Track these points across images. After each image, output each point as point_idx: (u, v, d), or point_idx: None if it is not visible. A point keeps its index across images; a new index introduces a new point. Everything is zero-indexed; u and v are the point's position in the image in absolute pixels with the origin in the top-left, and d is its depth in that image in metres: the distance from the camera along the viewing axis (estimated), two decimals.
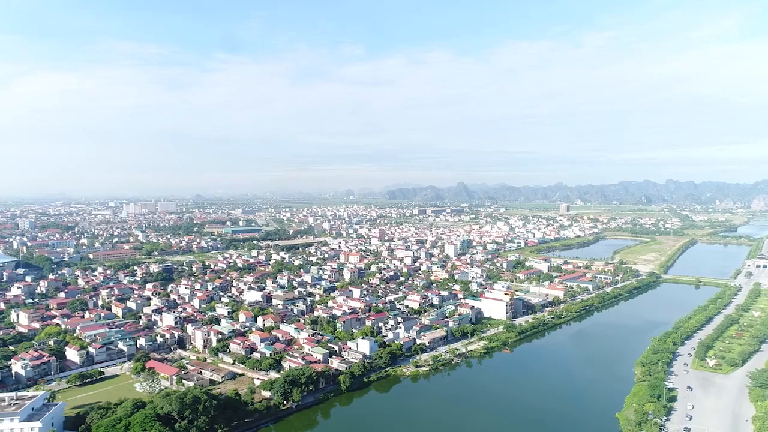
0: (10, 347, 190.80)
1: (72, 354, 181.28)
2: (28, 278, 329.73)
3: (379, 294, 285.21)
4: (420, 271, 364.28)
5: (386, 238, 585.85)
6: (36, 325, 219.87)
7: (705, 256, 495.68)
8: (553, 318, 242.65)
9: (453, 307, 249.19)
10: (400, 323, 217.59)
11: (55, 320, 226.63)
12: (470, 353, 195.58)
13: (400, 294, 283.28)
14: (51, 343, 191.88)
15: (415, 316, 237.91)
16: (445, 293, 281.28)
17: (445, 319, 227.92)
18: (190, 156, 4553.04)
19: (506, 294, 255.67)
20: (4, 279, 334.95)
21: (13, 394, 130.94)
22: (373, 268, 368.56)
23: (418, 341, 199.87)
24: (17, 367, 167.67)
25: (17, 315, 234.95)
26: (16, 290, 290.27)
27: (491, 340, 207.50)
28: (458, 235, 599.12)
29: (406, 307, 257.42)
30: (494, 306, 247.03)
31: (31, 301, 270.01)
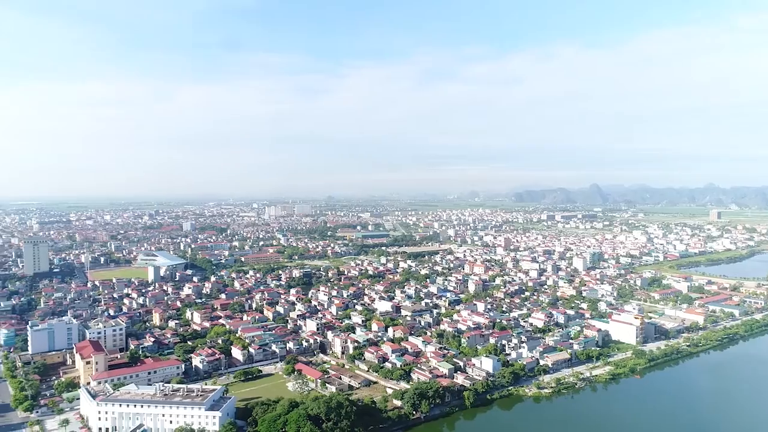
0: (188, 343, 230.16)
1: (236, 352, 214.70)
2: (195, 279, 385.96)
3: (504, 309, 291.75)
4: (546, 286, 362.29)
5: (512, 247, 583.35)
6: (206, 324, 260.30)
7: None
8: (688, 346, 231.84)
9: (579, 328, 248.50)
10: (523, 342, 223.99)
11: (221, 320, 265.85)
12: (595, 378, 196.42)
13: (525, 310, 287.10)
14: (219, 341, 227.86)
15: (539, 335, 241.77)
16: (571, 312, 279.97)
17: (570, 341, 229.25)
18: (321, 158, 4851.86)
19: (636, 318, 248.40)
20: (177, 278, 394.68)
21: (199, 386, 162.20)
22: (498, 281, 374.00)
23: (541, 362, 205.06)
24: (196, 361, 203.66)
25: (191, 314, 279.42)
26: (187, 290, 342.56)
27: (618, 366, 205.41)
28: (588, 246, 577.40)
29: (530, 324, 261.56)
30: (623, 329, 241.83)
31: (199, 300, 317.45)
